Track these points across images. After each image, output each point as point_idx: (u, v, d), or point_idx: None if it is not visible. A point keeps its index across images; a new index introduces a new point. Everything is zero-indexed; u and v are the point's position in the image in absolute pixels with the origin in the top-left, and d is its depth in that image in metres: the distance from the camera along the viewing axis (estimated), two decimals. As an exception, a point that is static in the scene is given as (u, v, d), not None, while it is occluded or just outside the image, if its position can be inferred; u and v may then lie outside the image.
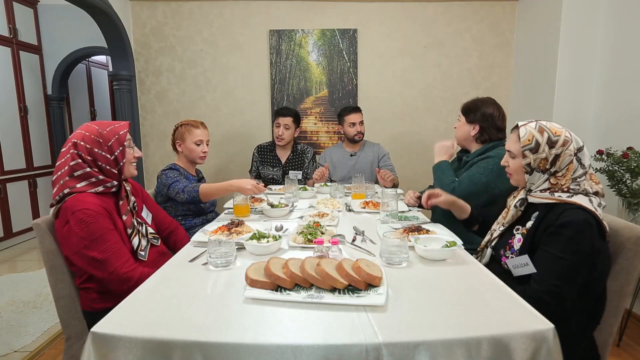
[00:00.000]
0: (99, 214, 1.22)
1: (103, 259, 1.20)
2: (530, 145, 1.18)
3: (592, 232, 1.08)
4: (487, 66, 3.38)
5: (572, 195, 1.14)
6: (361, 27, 3.34)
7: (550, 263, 1.09)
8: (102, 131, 1.30)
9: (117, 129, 1.33)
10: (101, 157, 1.29)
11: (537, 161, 1.18)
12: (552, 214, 1.15)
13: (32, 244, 3.88)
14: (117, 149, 1.31)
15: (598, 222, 1.10)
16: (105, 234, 1.22)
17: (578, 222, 1.08)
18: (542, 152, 1.17)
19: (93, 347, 0.80)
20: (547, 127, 1.18)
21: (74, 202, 1.21)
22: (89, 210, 1.20)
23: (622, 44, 2.46)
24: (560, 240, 1.09)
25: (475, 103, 1.87)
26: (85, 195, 1.25)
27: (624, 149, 2.13)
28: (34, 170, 4.07)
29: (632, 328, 2.18)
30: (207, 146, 2.13)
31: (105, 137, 1.30)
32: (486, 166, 1.72)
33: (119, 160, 1.32)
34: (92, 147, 1.28)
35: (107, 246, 1.21)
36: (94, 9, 2.90)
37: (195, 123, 2.11)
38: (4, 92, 3.70)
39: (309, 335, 0.80)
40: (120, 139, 1.32)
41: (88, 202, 1.22)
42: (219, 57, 3.38)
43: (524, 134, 1.19)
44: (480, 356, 0.78)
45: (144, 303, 0.95)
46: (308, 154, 2.91)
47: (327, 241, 1.29)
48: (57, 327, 2.24)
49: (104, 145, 1.29)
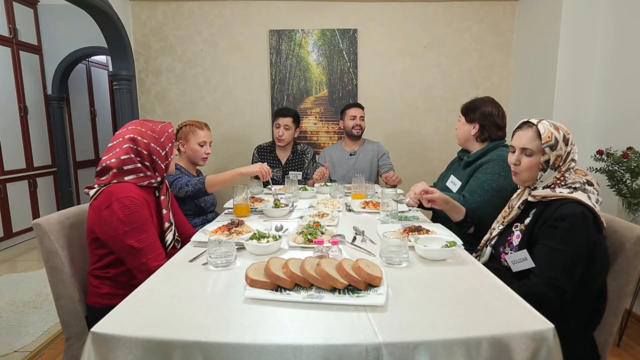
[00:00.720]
0: (143, 204, 1.28)
1: (139, 247, 1.25)
2: (550, 142, 1.19)
3: (589, 225, 1.10)
4: (487, 66, 3.38)
5: (573, 192, 1.16)
6: (361, 27, 3.34)
7: (548, 256, 1.11)
8: (155, 128, 1.41)
9: (166, 127, 1.45)
10: (156, 151, 1.39)
11: (554, 158, 1.19)
12: (549, 209, 1.17)
13: (32, 244, 3.88)
14: (168, 145, 1.43)
15: (595, 215, 1.12)
16: (145, 225, 1.28)
17: (574, 215, 1.10)
18: (559, 149, 1.19)
19: (93, 347, 0.80)
20: (559, 125, 1.21)
21: (119, 188, 1.27)
22: (135, 199, 1.26)
23: (622, 44, 2.46)
24: (558, 233, 1.11)
25: (474, 102, 1.88)
26: (130, 185, 1.31)
27: (624, 149, 2.13)
28: (34, 170, 4.07)
29: (632, 328, 2.18)
30: (210, 147, 2.14)
31: (159, 134, 1.41)
32: (493, 171, 1.72)
33: (168, 156, 1.43)
34: (150, 141, 1.37)
35: (145, 237, 1.26)
36: (94, 9, 2.90)
37: (200, 124, 2.11)
38: (4, 92, 3.70)
39: (309, 335, 0.80)
40: (170, 136, 1.44)
41: (133, 191, 1.29)
42: (219, 57, 3.38)
43: (544, 131, 1.19)
44: (480, 356, 0.78)
45: (144, 303, 0.95)
46: (308, 154, 2.91)
47: (327, 241, 1.29)
48: (57, 327, 2.24)
49: (158, 140, 1.40)
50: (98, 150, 5.26)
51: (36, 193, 4.08)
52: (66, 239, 1.35)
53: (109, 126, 5.51)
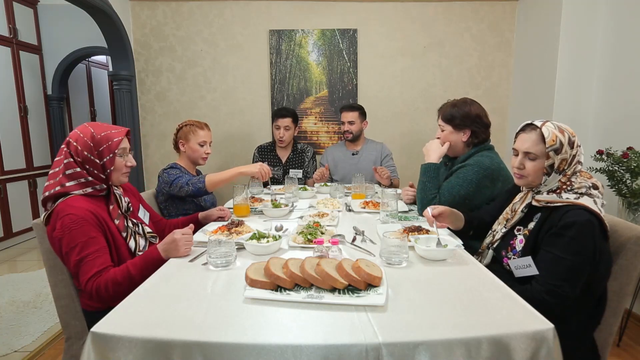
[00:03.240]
0: (85, 220, 1.20)
1: (79, 265, 1.17)
2: (555, 146, 1.15)
3: (595, 233, 1.08)
4: (487, 66, 3.38)
5: (579, 197, 1.13)
6: (361, 27, 3.34)
7: (552, 263, 1.09)
8: (96, 135, 1.29)
9: (112, 135, 1.31)
10: (89, 160, 1.27)
11: (559, 162, 1.16)
12: (555, 215, 1.14)
13: (32, 244, 3.88)
14: (107, 155, 1.29)
15: (601, 222, 1.10)
16: (88, 241, 1.19)
17: (581, 223, 1.08)
18: (565, 152, 1.16)
19: (93, 347, 0.80)
20: (564, 128, 1.18)
21: (63, 207, 1.21)
22: (75, 216, 1.19)
23: (622, 44, 2.46)
24: (563, 241, 1.09)
25: (458, 108, 1.78)
26: (75, 200, 1.23)
27: (624, 149, 2.13)
28: (34, 170, 4.07)
29: (632, 328, 2.17)
30: (210, 147, 2.14)
31: (97, 142, 1.28)
32: (465, 177, 1.67)
33: (106, 167, 1.30)
34: (83, 149, 1.26)
35: (84, 254, 1.18)
36: (94, 9, 2.90)
37: (200, 124, 2.11)
38: (4, 92, 3.70)
39: (309, 335, 0.80)
40: (111, 146, 1.29)
41: (76, 207, 1.21)
42: (219, 57, 3.38)
43: (548, 134, 1.16)
44: (480, 356, 0.78)
45: (144, 303, 0.95)
46: (308, 152, 2.91)
47: (327, 241, 1.29)
48: (57, 327, 2.24)
49: (94, 149, 1.28)
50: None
51: (36, 193, 4.08)
52: (66, 239, 1.34)
53: (109, 126, 5.51)
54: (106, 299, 1.16)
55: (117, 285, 1.16)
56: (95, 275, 1.17)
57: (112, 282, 1.16)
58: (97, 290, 1.16)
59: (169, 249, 1.25)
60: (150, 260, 1.23)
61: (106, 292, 1.16)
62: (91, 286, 1.16)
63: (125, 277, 1.17)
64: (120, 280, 1.16)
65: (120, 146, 1.33)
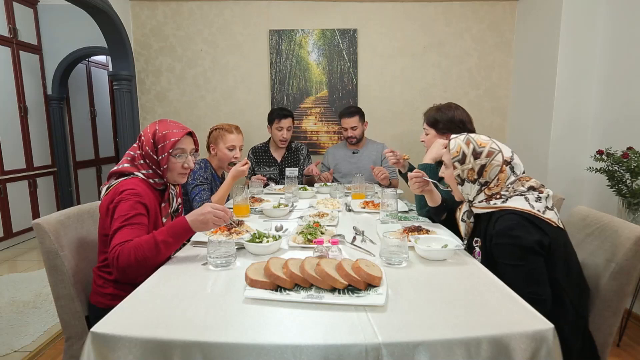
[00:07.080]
0: (142, 197, 1.25)
1: (116, 231, 1.17)
2: (458, 157, 1.24)
3: (528, 232, 1.09)
4: (487, 66, 3.38)
5: (506, 200, 1.17)
6: (361, 27, 3.34)
7: (512, 274, 1.10)
8: (158, 132, 1.35)
9: (169, 135, 1.35)
10: (149, 156, 1.35)
11: (465, 172, 1.23)
12: (490, 224, 1.18)
13: (32, 244, 3.88)
14: (162, 154, 1.35)
15: (535, 217, 1.11)
16: (136, 215, 1.21)
17: (509, 227, 1.11)
18: (468, 163, 1.22)
19: (93, 347, 0.80)
20: (473, 139, 1.23)
21: (125, 183, 1.28)
22: (134, 192, 1.25)
23: (622, 44, 2.46)
24: (505, 250, 1.12)
25: (442, 112, 1.82)
26: (138, 181, 1.30)
27: (624, 149, 2.13)
28: (34, 170, 4.07)
29: (632, 328, 2.17)
30: (239, 151, 2.11)
31: (157, 138, 1.35)
32: None
33: (160, 165, 1.36)
34: (146, 144, 1.35)
35: (126, 223, 1.19)
36: (94, 9, 2.90)
37: (230, 128, 2.10)
38: (4, 92, 3.70)
39: (309, 335, 0.80)
40: (166, 146, 1.34)
41: (137, 185, 1.28)
42: (219, 57, 3.38)
43: (452, 146, 1.25)
44: (480, 356, 0.78)
45: (144, 303, 0.95)
46: (303, 151, 2.92)
47: (327, 241, 1.29)
48: (57, 327, 2.24)
49: (156, 145, 1.35)
50: (98, 150, 5.26)
51: (36, 193, 4.08)
52: (66, 239, 1.35)
53: (109, 126, 5.52)
54: (125, 266, 1.12)
55: (140, 250, 1.13)
56: (127, 241, 1.16)
57: (135, 246, 1.14)
58: (120, 254, 1.13)
59: (198, 220, 1.23)
60: (177, 228, 1.20)
61: (127, 258, 1.12)
62: (118, 250, 1.13)
63: (149, 242, 1.15)
64: (143, 245, 1.14)
65: (177, 146, 1.36)
